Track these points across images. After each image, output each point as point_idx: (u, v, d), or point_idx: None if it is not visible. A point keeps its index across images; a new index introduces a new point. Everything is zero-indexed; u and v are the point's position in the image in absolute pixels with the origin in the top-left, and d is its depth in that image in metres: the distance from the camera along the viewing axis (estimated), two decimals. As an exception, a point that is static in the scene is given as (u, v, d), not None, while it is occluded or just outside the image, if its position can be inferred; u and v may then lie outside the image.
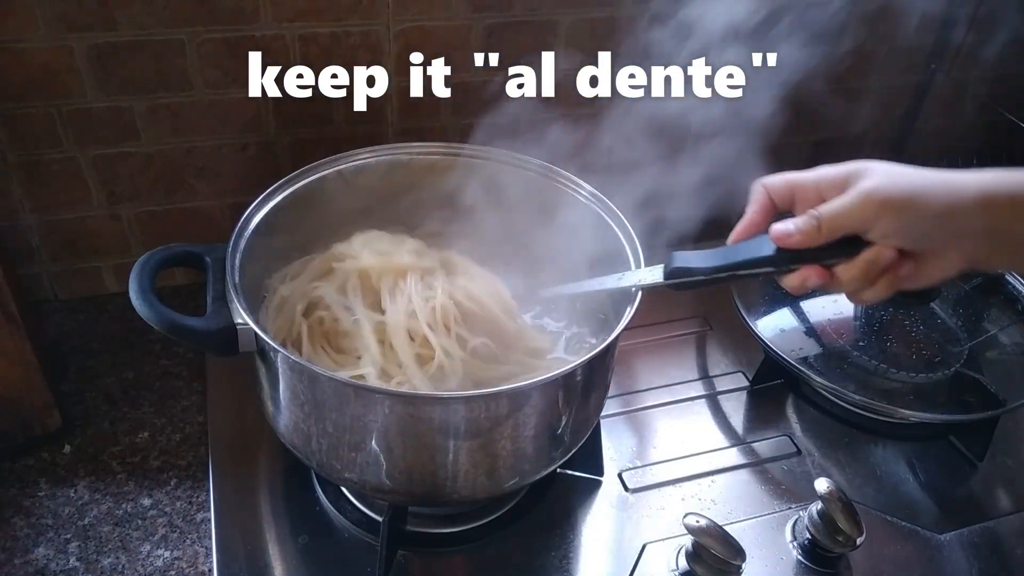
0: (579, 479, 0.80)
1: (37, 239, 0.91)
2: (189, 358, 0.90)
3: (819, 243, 0.53)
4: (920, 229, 0.51)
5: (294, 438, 0.67)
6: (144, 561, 0.71)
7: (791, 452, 0.85)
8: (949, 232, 0.51)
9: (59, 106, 0.83)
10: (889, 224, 0.51)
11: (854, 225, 0.52)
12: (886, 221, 0.51)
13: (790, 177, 0.58)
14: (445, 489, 0.65)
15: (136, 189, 0.91)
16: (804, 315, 0.95)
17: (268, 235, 0.72)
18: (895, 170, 0.52)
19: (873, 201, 0.51)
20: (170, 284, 0.97)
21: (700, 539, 0.66)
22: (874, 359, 0.88)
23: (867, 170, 0.53)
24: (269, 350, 0.62)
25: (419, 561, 0.72)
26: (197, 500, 0.76)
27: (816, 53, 0.87)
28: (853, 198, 0.51)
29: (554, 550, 0.73)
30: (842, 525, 0.69)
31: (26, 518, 0.74)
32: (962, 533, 0.78)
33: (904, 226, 0.51)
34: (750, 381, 0.92)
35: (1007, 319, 0.96)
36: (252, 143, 0.92)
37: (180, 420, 0.84)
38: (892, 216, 0.51)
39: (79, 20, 0.79)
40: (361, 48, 0.89)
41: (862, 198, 0.51)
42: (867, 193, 0.51)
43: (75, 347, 0.91)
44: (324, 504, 0.75)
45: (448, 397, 0.63)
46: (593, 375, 0.68)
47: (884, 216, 0.51)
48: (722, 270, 0.59)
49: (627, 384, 0.91)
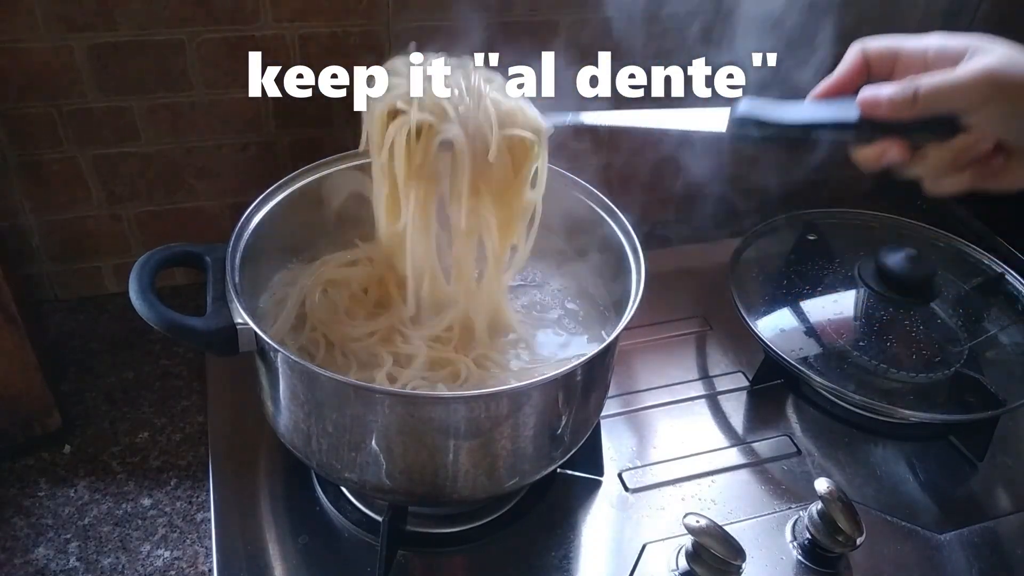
0: (579, 479, 0.80)
1: (37, 239, 0.91)
2: (189, 358, 0.90)
3: (911, 116, 0.48)
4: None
5: (294, 438, 0.67)
6: (144, 561, 0.71)
7: (791, 452, 0.85)
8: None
9: (59, 106, 0.83)
10: (997, 110, 0.46)
11: (958, 104, 0.47)
12: (995, 106, 0.46)
13: (895, 41, 0.52)
14: (445, 489, 0.65)
15: (136, 189, 0.91)
16: (804, 315, 0.95)
17: (268, 235, 0.72)
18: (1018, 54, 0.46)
19: (988, 81, 0.46)
20: (170, 284, 0.97)
21: (700, 539, 0.66)
22: (874, 359, 0.88)
23: (986, 47, 0.47)
24: (269, 350, 0.62)
25: (419, 561, 0.72)
26: (197, 500, 0.76)
27: (819, 53, 0.87)
28: (965, 74, 0.46)
29: (554, 550, 0.73)
30: (842, 525, 0.70)
31: (26, 518, 0.74)
32: (962, 533, 0.78)
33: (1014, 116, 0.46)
34: (750, 381, 0.92)
35: (1007, 319, 0.96)
36: (252, 143, 0.92)
37: (180, 420, 0.84)
38: (1003, 102, 0.46)
39: (79, 20, 0.79)
40: (361, 48, 0.89)
41: (975, 76, 0.46)
42: (983, 72, 0.46)
43: (75, 347, 0.91)
44: (324, 504, 0.75)
45: (448, 397, 0.63)
46: (593, 375, 0.68)
47: (994, 100, 0.46)
48: (796, 127, 0.53)
49: (627, 384, 0.91)
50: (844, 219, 1.07)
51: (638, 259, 0.71)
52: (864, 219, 1.07)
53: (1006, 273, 0.99)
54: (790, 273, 1.00)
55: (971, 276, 1.00)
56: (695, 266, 1.09)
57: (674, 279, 1.06)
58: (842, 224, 1.06)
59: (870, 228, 1.06)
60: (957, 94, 0.47)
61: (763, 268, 1.01)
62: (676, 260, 1.10)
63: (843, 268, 0.98)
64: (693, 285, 1.05)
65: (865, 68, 0.53)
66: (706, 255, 1.10)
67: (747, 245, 1.00)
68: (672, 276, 1.06)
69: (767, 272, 1.00)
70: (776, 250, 1.03)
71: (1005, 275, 0.99)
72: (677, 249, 1.13)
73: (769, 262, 1.02)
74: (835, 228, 1.05)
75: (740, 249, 0.99)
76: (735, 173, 1.16)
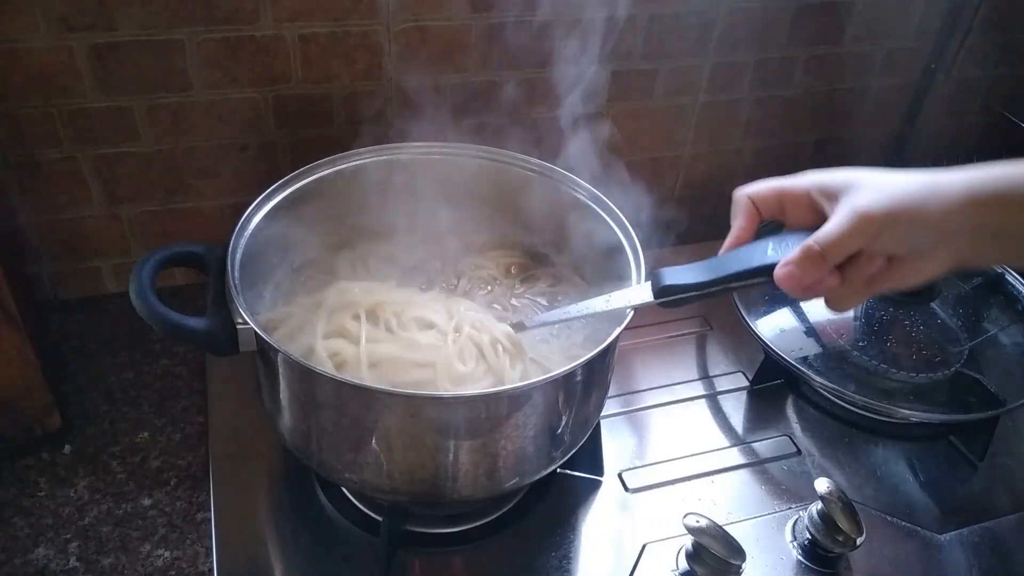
0: (579, 479, 0.80)
1: (37, 239, 0.91)
2: (189, 358, 0.90)
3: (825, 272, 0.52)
4: (915, 237, 0.51)
5: (294, 438, 0.67)
6: (144, 561, 0.71)
7: (791, 452, 0.85)
8: (940, 234, 0.50)
9: (59, 106, 0.83)
10: (889, 239, 0.50)
11: (857, 246, 0.51)
12: (886, 238, 0.50)
13: (777, 185, 0.57)
14: (445, 489, 0.65)
15: (136, 189, 0.91)
16: (804, 315, 0.95)
17: (268, 235, 0.72)
18: (883, 181, 0.51)
19: (871, 220, 0.50)
20: (170, 284, 0.97)
21: (700, 539, 0.66)
22: (874, 359, 0.88)
23: (857, 183, 0.52)
24: (269, 350, 0.62)
25: (419, 561, 0.72)
26: (197, 500, 0.76)
27: (819, 53, 0.87)
28: (850, 220, 0.50)
29: (554, 550, 0.73)
30: (842, 525, 0.70)
31: (26, 518, 0.74)
32: (962, 533, 0.78)
33: (902, 238, 0.50)
34: (750, 381, 0.92)
35: (1007, 319, 0.96)
36: (252, 143, 0.92)
37: (180, 420, 0.84)
38: (891, 231, 0.50)
39: (79, 20, 0.79)
40: (361, 48, 0.89)
41: (859, 219, 0.50)
42: (863, 213, 0.50)
43: (75, 347, 0.91)
44: (324, 504, 0.75)
45: (448, 397, 0.63)
46: (593, 375, 0.68)
47: (884, 232, 0.50)
48: (715, 284, 0.57)
49: (627, 384, 0.91)
50: (844, 219, 1.06)
51: (638, 259, 0.71)
52: (864, 219, 1.06)
53: (1006, 273, 0.99)
54: (790, 273, 1.00)
55: (971, 276, 1.00)
56: (695, 266, 1.09)
57: (674, 279, 1.06)
58: (842, 224, 1.06)
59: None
60: (853, 239, 0.50)
61: (763, 268, 1.00)
62: (676, 260, 1.10)
63: (843, 268, 0.98)
64: (693, 285, 1.05)
65: (757, 213, 0.58)
66: (706, 255, 1.10)
67: (747, 245, 1.00)
68: (672, 276, 1.06)
69: (767, 272, 1.00)
70: (776, 250, 1.03)
71: (1005, 275, 0.99)
72: (677, 249, 1.13)
73: (769, 262, 1.01)
74: (835, 228, 1.05)
75: (740, 249, 0.99)
76: (735, 174, 1.16)
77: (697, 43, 1.02)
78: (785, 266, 0.52)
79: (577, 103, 0.83)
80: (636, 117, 1.06)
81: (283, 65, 0.87)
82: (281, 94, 0.89)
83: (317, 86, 0.90)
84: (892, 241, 0.51)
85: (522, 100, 0.97)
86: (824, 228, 0.52)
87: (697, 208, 1.18)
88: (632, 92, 1.03)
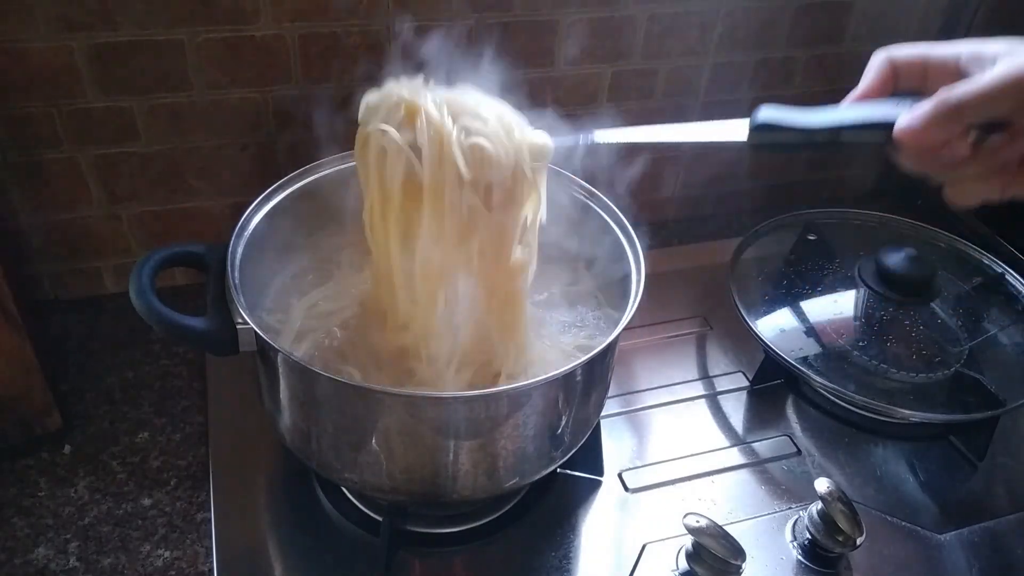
0: (579, 479, 0.80)
1: (37, 239, 0.91)
2: (189, 358, 0.90)
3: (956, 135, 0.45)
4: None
5: (294, 438, 0.67)
6: (144, 561, 0.71)
7: (791, 452, 0.85)
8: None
9: (59, 106, 0.83)
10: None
11: (1005, 109, 0.43)
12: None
13: (924, 50, 0.49)
14: (445, 489, 0.65)
15: (136, 189, 0.91)
16: (804, 315, 0.94)
17: (268, 235, 0.72)
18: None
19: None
20: (170, 284, 0.97)
21: (700, 539, 0.66)
22: (874, 359, 0.88)
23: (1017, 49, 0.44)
24: (269, 350, 0.62)
25: (419, 561, 0.72)
26: (197, 500, 0.76)
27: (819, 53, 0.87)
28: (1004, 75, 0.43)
29: (554, 550, 0.73)
30: (842, 525, 0.70)
31: (26, 518, 0.74)
32: (962, 533, 0.78)
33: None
34: (750, 381, 0.92)
35: (1007, 319, 0.96)
36: (252, 143, 0.92)
37: (180, 420, 0.84)
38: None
39: (79, 20, 0.79)
40: (361, 48, 0.89)
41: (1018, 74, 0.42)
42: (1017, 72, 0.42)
43: (75, 347, 0.91)
44: (324, 504, 0.75)
45: (448, 397, 0.63)
46: (593, 375, 0.68)
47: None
48: (823, 132, 0.50)
49: (627, 384, 0.91)
50: (844, 219, 1.06)
51: (638, 259, 0.71)
52: (864, 219, 1.07)
53: (1006, 273, 0.99)
54: (790, 273, 1.00)
55: (971, 276, 1.00)
56: (695, 266, 1.09)
57: (674, 279, 1.06)
58: (842, 224, 1.06)
59: (870, 228, 1.06)
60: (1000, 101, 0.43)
61: (763, 268, 1.01)
62: (676, 260, 1.10)
63: (843, 268, 0.98)
64: (693, 285, 1.05)
65: (892, 78, 0.51)
66: (706, 255, 1.10)
67: (747, 245, 1.00)
68: (672, 276, 1.06)
69: (767, 272, 1.00)
70: (776, 250, 1.03)
71: (1005, 275, 0.99)
72: (677, 249, 1.13)
73: (769, 262, 1.02)
74: (835, 228, 1.05)
75: (740, 249, 0.99)
76: (735, 173, 1.16)
77: (697, 43, 1.02)
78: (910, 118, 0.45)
79: (577, 103, 0.83)
80: (636, 117, 1.06)
81: (283, 65, 0.87)
82: (281, 94, 0.89)
83: (317, 86, 0.90)
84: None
85: (522, 100, 0.97)
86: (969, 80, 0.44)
87: (697, 208, 1.18)
88: (632, 92, 1.03)
